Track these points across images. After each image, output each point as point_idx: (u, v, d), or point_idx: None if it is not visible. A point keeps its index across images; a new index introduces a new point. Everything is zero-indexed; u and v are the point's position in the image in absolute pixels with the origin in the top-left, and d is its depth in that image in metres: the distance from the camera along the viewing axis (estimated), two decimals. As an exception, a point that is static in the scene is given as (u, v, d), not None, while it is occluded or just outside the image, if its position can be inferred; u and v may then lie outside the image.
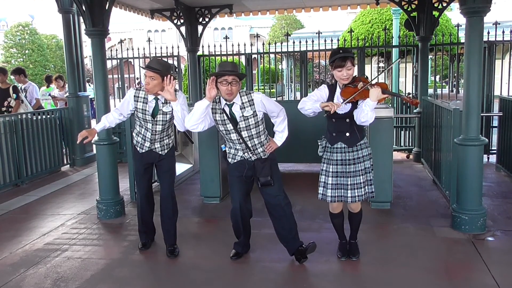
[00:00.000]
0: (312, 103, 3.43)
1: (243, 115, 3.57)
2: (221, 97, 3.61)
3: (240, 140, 3.62)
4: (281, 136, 3.75)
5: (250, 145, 3.63)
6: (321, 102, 3.39)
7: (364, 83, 3.37)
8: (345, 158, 3.51)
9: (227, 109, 3.59)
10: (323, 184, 3.60)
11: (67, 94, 8.34)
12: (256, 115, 3.59)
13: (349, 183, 3.51)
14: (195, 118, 3.58)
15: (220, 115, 3.61)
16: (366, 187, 3.54)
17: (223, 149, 3.82)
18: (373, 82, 3.42)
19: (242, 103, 3.57)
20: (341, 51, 3.45)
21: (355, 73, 3.57)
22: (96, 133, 4.03)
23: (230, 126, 3.60)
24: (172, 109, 3.81)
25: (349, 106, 3.44)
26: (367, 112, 3.34)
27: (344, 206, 3.73)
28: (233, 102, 3.58)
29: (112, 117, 4.03)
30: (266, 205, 3.78)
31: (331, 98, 3.51)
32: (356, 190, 3.51)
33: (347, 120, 3.48)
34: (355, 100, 3.41)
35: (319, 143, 3.63)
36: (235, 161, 3.71)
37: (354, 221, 3.79)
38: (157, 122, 3.86)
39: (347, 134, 3.50)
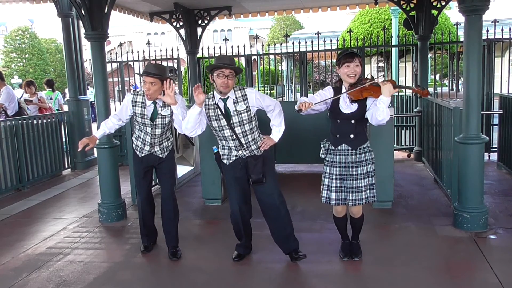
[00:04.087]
0: (299, 102, 3.36)
1: (236, 110, 3.57)
2: (214, 93, 3.62)
3: (234, 136, 3.60)
4: (278, 130, 3.70)
5: (243, 142, 3.61)
6: (299, 102, 3.31)
7: (371, 80, 3.34)
8: (349, 160, 3.48)
9: (221, 104, 3.59)
10: (327, 187, 3.54)
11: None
12: (250, 110, 3.59)
13: (351, 186, 3.48)
14: (191, 125, 3.59)
15: (214, 110, 3.61)
16: (368, 191, 3.51)
17: (215, 151, 3.79)
18: (379, 80, 3.39)
19: (236, 97, 3.58)
20: (349, 50, 3.44)
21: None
22: (96, 140, 4.04)
23: (223, 122, 3.59)
24: (171, 112, 3.82)
25: (355, 106, 3.40)
26: (383, 110, 3.26)
27: (346, 208, 3.72)
28: (228, 97, 3.58)
29: (111, 123, 4.04)
30: (260, 204, 3.76)
31: (336, 100, 3.46)
32: (357, 194, 3.48)
33: (352, 121, 3.43)
34: (363, 97, 3.36)
35: (322, 145, 3.59)
36: (231, 161, 3.69)
37: (355, 225, 3.78)
38: (156, 126, 3.86)
39: (351, 136, 3.46)
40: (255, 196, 3.76)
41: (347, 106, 3.43)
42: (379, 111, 3.29)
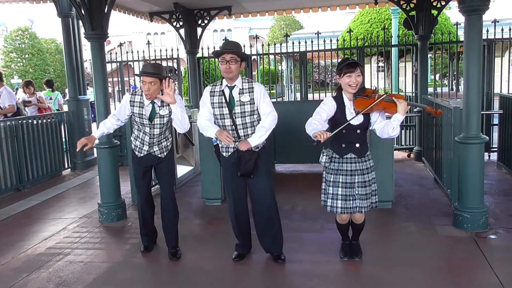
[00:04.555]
0: (312, 128, 3.27)
1: (240, 100, 3.57)
2: (222, 80, 3.64)
3: (233, 126, 3.59)
4: (258, 136, 3.54)
5: (242, 134, 3.61)
6: (314, 131, 3.21)
7: (379, 95, 3.33)
8: (355, 168, 3.45)
9: (227, 92, 3.60)
10: (331, 195, 3.50)
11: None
12: (253, 103, 3.59)
13: (360, 193, 3.46)
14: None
15: (219, 97, 3.61)
16: (373, 197, 3.52)
17: (214, 143, 3.79)
18: (383, 94, 3.36)
19: (242, 88, 3.59)
20: (350, 59, 3.44)
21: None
22: (95, 140, 4.03)
23: (225, 110, 3.59)
24: (170, 112, 3.84)
25: (361, 117, 3.38)
26: (396, 126, 3.30)
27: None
28: (235, 85, 3.59)
29: (110, 123, 4.03)
30: (251, 200, 3.76)
31: (340, 110, 3.42)
32: (364, 201, 3.47)
33: (358, 131, 3.42)
34: (372, 112, 3.38)
35: (325, 153, 3.48)
36: (229, 153, 3.67)
37: (356, 228, 3.78)
38: (155, 126, 3.86)
39: (357, 145, 3.43)
40: (248, 190, 3.76)
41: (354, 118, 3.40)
42: (391, 128, 3.32)
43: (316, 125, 3.31)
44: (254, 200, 3.75)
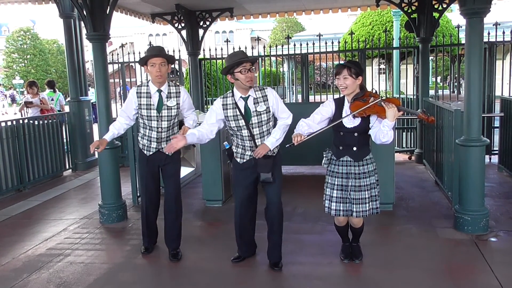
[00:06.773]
0: (296, 130, 3.42)
1: (256, 110, 3.52)
2: (234, 91, 3.55)
3: (250, 137, 3.56)
4: (275, 139, 3.54)
5: (259, 143, 3.56)
6: (295, 132, 3.36)
7: (374, 98, 3.31)
8: (351, 172, 3.45)
9: (241, 103, 3.52)
10: (329, 197, 3.52)
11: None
12: (269, 111, 3.56)
13: (353, 197, 3.45)
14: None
15: (233, 110, 3.54)
16: (371, 202, 3.48)
17: (227, 147, 3.74)
18: (378, 98, 3.33)
19: (256, 97, 3.54)
20: (344, 62, 3.45)
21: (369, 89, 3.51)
22: (106, 142, 4.00)
23: (242, 122, 3.53)
24: (178, 104, 3.88)
25: (358, 120, 3.38)
26: (386, 132, 3.26)
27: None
28: (248, 95, 3.53)
29: (119, 123, 4.01)
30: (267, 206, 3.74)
31: (338, 112, 3.43)
32: (360, 206, 3.45)
33: (356, 134, 3.41)
34: (366, 115, 3.35)
35: (324, 155, 3.54)
36: (244, 160, 3.63)
37: (355, 232, 3.78)
38: (163, 118, 3.85)
39: (355, 148, 3.42)
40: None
41: (349, 120, 3.39)
42: (383, 133, 3.28)
43: (303, 126, 3.41)
44: (267, 205, 3.72)
